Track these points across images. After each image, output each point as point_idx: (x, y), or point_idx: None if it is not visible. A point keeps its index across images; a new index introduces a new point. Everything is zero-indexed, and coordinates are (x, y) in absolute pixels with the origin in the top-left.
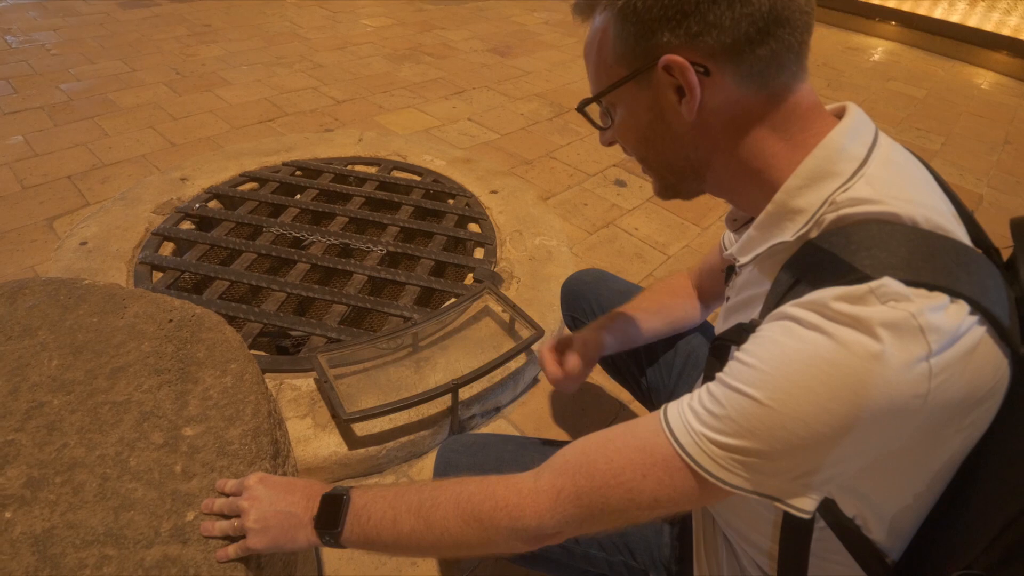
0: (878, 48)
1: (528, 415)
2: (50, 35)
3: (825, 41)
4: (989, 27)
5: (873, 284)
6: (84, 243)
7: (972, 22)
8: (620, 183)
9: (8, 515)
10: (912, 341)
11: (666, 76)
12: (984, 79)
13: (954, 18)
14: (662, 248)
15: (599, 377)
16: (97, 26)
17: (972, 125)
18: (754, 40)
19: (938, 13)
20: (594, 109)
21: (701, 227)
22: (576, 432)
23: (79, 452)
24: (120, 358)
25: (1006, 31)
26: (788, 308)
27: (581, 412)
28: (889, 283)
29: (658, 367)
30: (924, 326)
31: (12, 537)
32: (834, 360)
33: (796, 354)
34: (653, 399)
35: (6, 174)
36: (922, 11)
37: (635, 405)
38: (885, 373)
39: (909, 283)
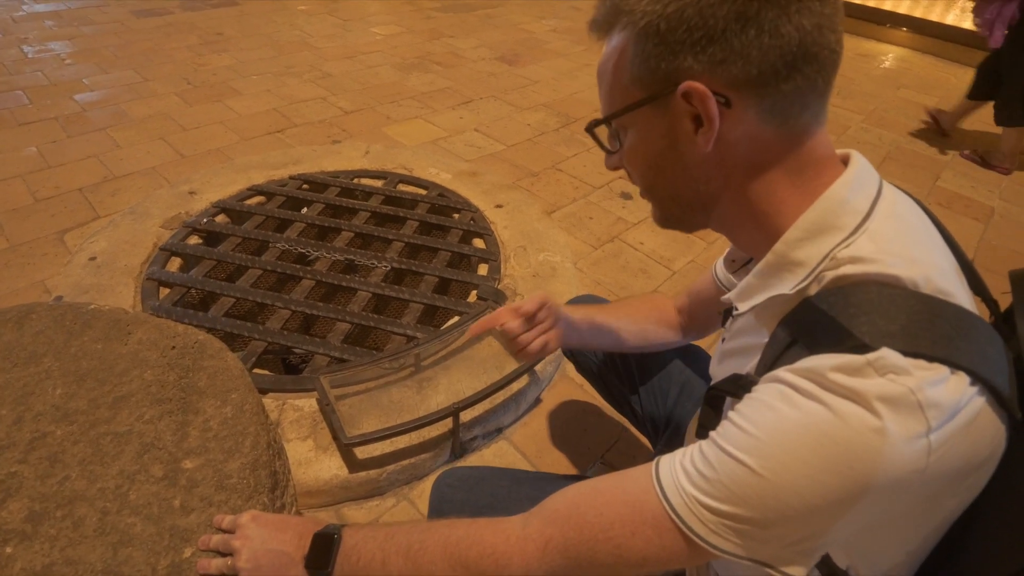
0: (889, 55)
1: (530, 436)
2: (65, 44)
3: None
4: None
5: (871, 356)
6: (93, 258)
7: None
8: (626, 196)
9: (9, 550)
10: (911, 417)
11: (684, 103)
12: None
13: (966, 24)
14: (667, 263)
15: (600, 399)
16: (112, 35)
17: None
18: (780, 74)
19: (950, 19)
20: (603, 131)
21: (707, 241)
22: (578, 454)
23: (80, 485)
24: (123, 387)
25: None
26: (783, 373)
27: (582, 432)
28: (887, 355)
29: (652, 396)
30: (923, 402)
31: (12, 573)
32: (831, 433)
33: (791, 423)
34: (648, 427)
35: (19, 186)
36: (934, 17)
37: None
38: (883, 449)
39: (908, 354)
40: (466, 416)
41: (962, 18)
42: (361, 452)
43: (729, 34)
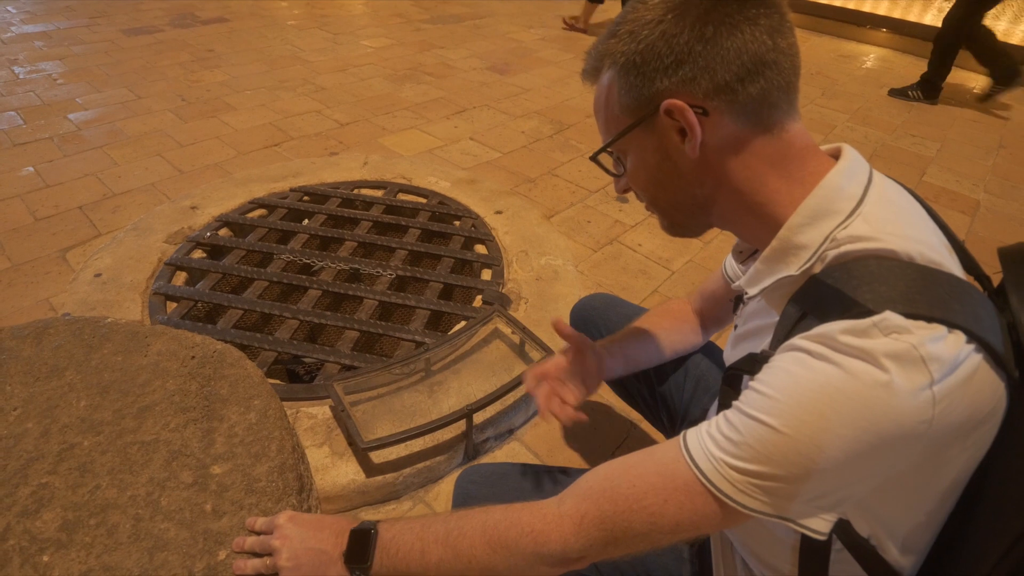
0: (870, 55)
1: (541, 437)
2: (56, 65)
3: (818, 50)
4: None
5: (876, 318)
6: (99, 275)
7: None
8: (622, 199)
9: (46, 559)
10: (915, 370)
11: (668, 119)
12: (976, 83)
13: None
14: (666, 264)
15: (610, 396)
16: (102, 54)
17: (966, 130)
18: (744, 79)
19: (928, 19)
20: (607, 160)
21: (704, 241)
22: (589, 451)
23: (111, 493)
24: (146, 397)
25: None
26: (798, 340)
27: (593, 431)
28: (890, 316)
29: (669, 390)
30: (925, 356)
31: None
32: (844, 389)
33: (808, 383)
34: (664, 421)
35: (18, 206)
36: (912, 17)
37: (646, 424)
38: (892, 401)
39: (908, 316)
40: (478, 418)
41: (939, 18)
42: (377, 456)
43: (694, 55)
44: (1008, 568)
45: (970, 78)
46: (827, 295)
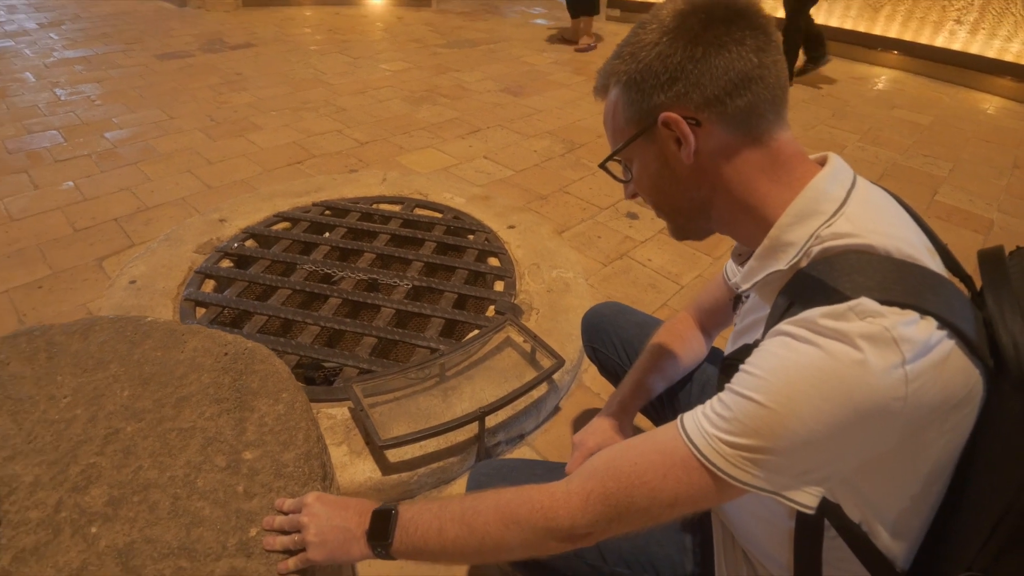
0: (882, 76)
1: (551, 442)
2: (95, 87)
3: (829, 71)
4: (991, 53)
5: (852, 303)
6: (133, 281)
7: (974, 49)
8: (632, 216)
9: (94, 530)
10: (888, 350)
11: (665, 130)
12: (990, 104)
13: (955, 46)
14: (675, 278)
15: None
16: (137, 77)
17: (980, 150)
18: (732, 93)
19: (939, 41)
20: (616, 168)
21: (713, 257)
22: None
23: (152, 474)
24: (183, 388)
25: (1008, 57)
26: (784, 325)
27: None
28: (865, 302)
29: (675, 394)
30: (897, 338)
31: (98, 550)
32: (823, 367)
33: (791, 363)
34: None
35: (59, 218)
36: (923, 40)
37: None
38: (867, 377)
39: (883, 302)
40: (490, 422)
41: (951, 40)
42: (393, 455)
43: (686, 73)
44: (992, 551)
45: (982, 99)
46: (811, 286)
